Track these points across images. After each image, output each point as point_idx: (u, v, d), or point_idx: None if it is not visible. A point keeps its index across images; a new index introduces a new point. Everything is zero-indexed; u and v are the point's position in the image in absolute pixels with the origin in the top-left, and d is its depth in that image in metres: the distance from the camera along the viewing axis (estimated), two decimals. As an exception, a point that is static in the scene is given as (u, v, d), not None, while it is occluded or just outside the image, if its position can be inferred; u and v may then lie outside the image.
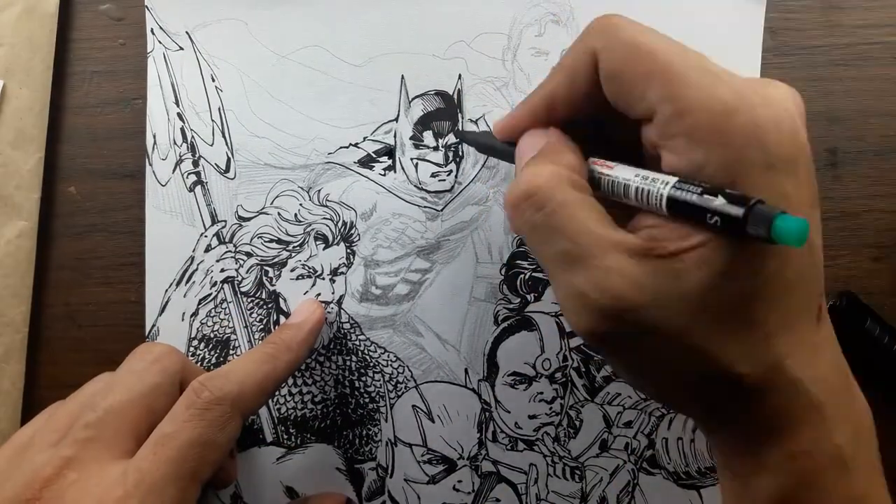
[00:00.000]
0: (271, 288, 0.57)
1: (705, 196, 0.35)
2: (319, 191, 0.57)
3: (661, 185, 0.37)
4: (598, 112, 0.43)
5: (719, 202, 0.34)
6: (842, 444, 0.39)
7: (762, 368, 0.37)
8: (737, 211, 0.34)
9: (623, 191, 0.40)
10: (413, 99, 0.57)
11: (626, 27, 0.40)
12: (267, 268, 0.57)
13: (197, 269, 0.57)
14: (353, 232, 0.57)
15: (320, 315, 0.55)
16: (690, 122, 0.36)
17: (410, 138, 0.57)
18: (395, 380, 0.57)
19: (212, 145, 0.57)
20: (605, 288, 0.37)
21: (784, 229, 0.32)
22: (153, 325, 0.57)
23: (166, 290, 0.57)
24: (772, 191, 0.36)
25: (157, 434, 0.45)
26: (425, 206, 0.57)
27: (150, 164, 0.57)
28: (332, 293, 0.57)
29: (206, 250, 0.57)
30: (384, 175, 0.57)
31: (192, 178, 0.57)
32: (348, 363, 0.57)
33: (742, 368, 0.37)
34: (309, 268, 0.57)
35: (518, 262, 0.57)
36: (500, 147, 0.48)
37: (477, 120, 0.57)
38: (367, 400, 0.57)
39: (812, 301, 0.39)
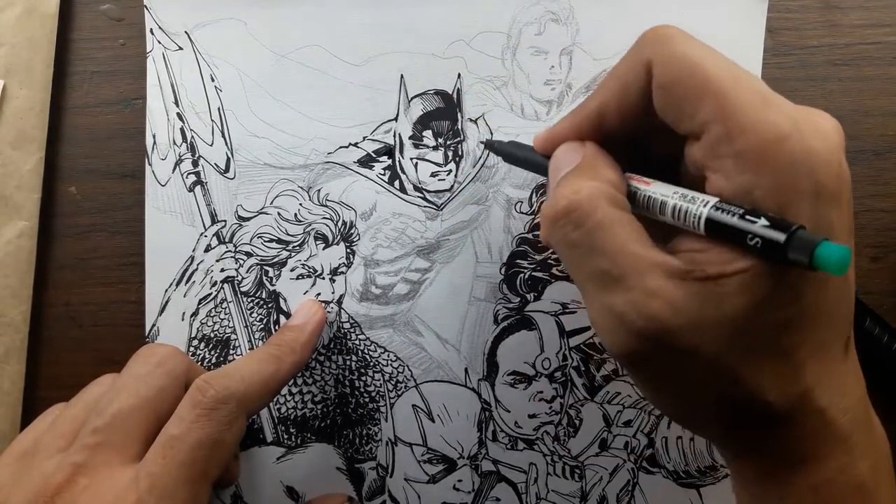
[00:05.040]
0: (271, 288, 0.57)
1: (747, 218, 0.35)
2: (319, 190, 0.57)
3: (700, 204, 0.37)
4: (643, 126, 0.42)
5: (761, 225, 0.34)
6: (865, 474, 0.39)
7: (791, 397, 0.37)
8: (779, 236, 0.34)
9: (660, 208, 0.39)
10: (412, 98, 0.57)
11: (682, 40, 0.39)
12: (267, 267, 0.57)
13: (197, 269, 0.57)
14: (352, 231, 0.57)
15: (322, 316, 0.55)
16: (742, 145, 0.36)
17: (410, 138, 0.57)
18: (395, 379, 0.57)
19: (211, 145, 0.57)
20: (643, 309, 0.36)
21: (826, 257, 0.32)
22: (153, 325, 0.57)
23: (166, 290, 0.57)
24: (818, 220, 0.36)
25: (164, 436, 0.45)
26: (425, 206, 0.57)
27: (150, 165, 0.57)
28: (332, 293, 0.57)
29: (206, 250, 0.57)
30: (384, 175, 0.57)
31: (192, 178, 0.57)
32: (348, 363, 0.57)
33: (771, 396, 0.37)
34: (309, 267, 0.57)
35: (518, 261, 0.57)
36: (534, 159, 0.47)
37: (476, 119, 0.57)
38: (367, 399, 0.57)
39: (843, 331, 0.39)
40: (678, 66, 0.38)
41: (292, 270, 0.57)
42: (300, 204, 0.57)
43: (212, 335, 0.57)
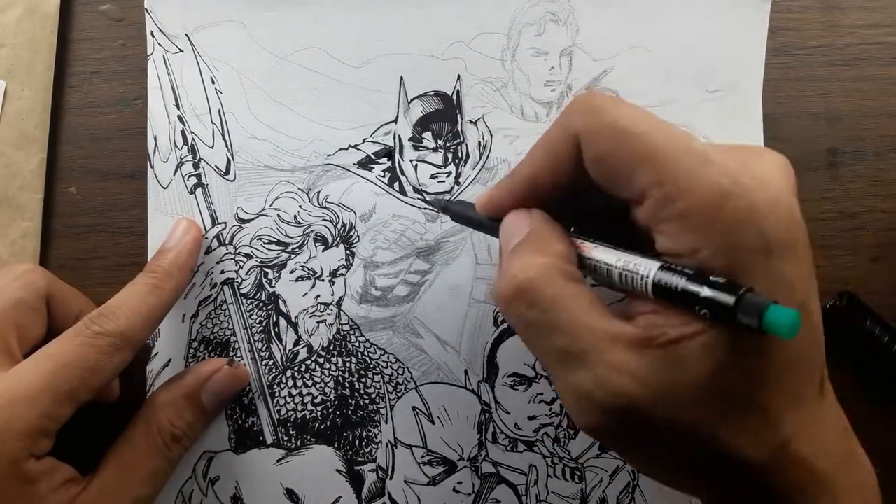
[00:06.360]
0: (271, 290, 0.57)
1: (691, 286, 0.34)
2: (319, 192, 0.57)
3: (644, 270, 0.37)
4: (585, 188, 0.42)
5: (707, 292, 0.34)
6: None
7: (769, 450, 0.37)
8: (727, 300, 0.33)
9: (606, 276, 0.39)
10: (412, 100, 0.57)
11: (609, 108, 0.39)
12: (266, 269, 0.57)
13: (197, 271, 0.57)
14: (352, 233, 0.57)
15: (196, 234, 0.56)
16: (683, 207, 0.36)
17: (409, 139, 0.57)
18: (394, 381, 0.57)
19: (212, 147, 0.57)
20: (607, 386, 0.36)
21: (775, 321, 0.32)
22: (153, 326, 0.57)
23: (166, 292, 0.57)
24: (771, 276, 0.35)
25: (40, 353, 0.47)
26: (425, 208, 0.57)
27: (152, 167, 0.57)
28: (332, 295, 0.57)
29: (207, 252, 0.57)
30: (383, 176, 0.57)
31: (193, 180, 0.57)
32: (348, 365, 0.57)
33: (749, 452, 0.36)
34: (308, 269, 0.57)
35: (518, 263, 0.57)
36: (484, 221, 0.47)
37: (476, 121, 0.57)
38: (367, 401, 0.57)
39: (814, 375, 0.38)
40: (608, 137, 0.38)
41: (292, 272, 0.57)
42: (300, 206, 0.57)
43: (211, 337, 0.57)
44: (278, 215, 0.57)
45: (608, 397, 0.36)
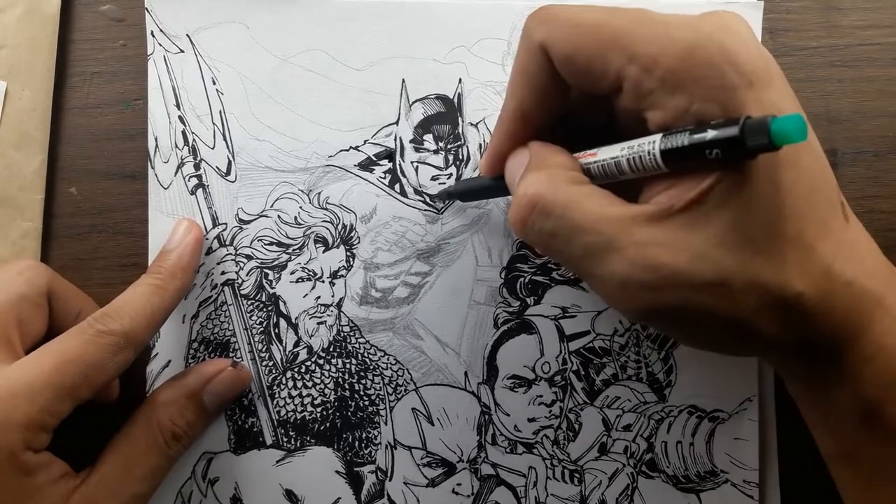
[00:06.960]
0: (271, 291, 0.57)
1: (696, 136, 0.35)
2: (319, 193, 0.57)
3: (648, 145, 0.37)
4: (567, 106, 0.43)
5: (712, 134, 0.35)
6: None
7: (816, 279, 0.37)
8: (732, 131, 0.34)
9: (616, 168, 0.40)
10: (413, 103, 0.57)
11: (563, 10, 0.40)
12: (267, 270, 0.57)
13: (198, 272, 0.57)
14: (352, 235, 0.57)
15: (198, 234, 0.56)
16: (660, 73, 0.36)
17: (410, 142, 0.57)
18: (394, 383, 0.57)
19: (213, 148, 0.58)
20: (642, 263, 0.37)
21: (783, 129, 0.32)
22: (153, 327, 0.57)
23: (167, 292, 0.57)
24: (760, 104, 0.36)
25: (43, 348, 0.47)
26: (425, 210, 0.57)
27: (153, 168, 0.57)
28: (332, 296, 0.57)
29: (207, 253, 0.57)
30: (384, 178, 0.57)
31: (194, 181, 0.57)
32: (348, 366, 0.57)
33: (798, 286, 0.37)
34: (309, 270, 0.57)
35: (518, 265, 0.57)
36: (491, 184, 0.48)
37: (477, 123, 0.57)
38: (366, 403, 0.57)
39: (834, 201, 0.39)
40: (571, 35, 0.39)
41: (292, 273, 0.57)
42: (300, 207, 0.57)
43: (212, 338, 0.57)
44: (279, 216, 0.57)
45: (646, 274, 0.37)
